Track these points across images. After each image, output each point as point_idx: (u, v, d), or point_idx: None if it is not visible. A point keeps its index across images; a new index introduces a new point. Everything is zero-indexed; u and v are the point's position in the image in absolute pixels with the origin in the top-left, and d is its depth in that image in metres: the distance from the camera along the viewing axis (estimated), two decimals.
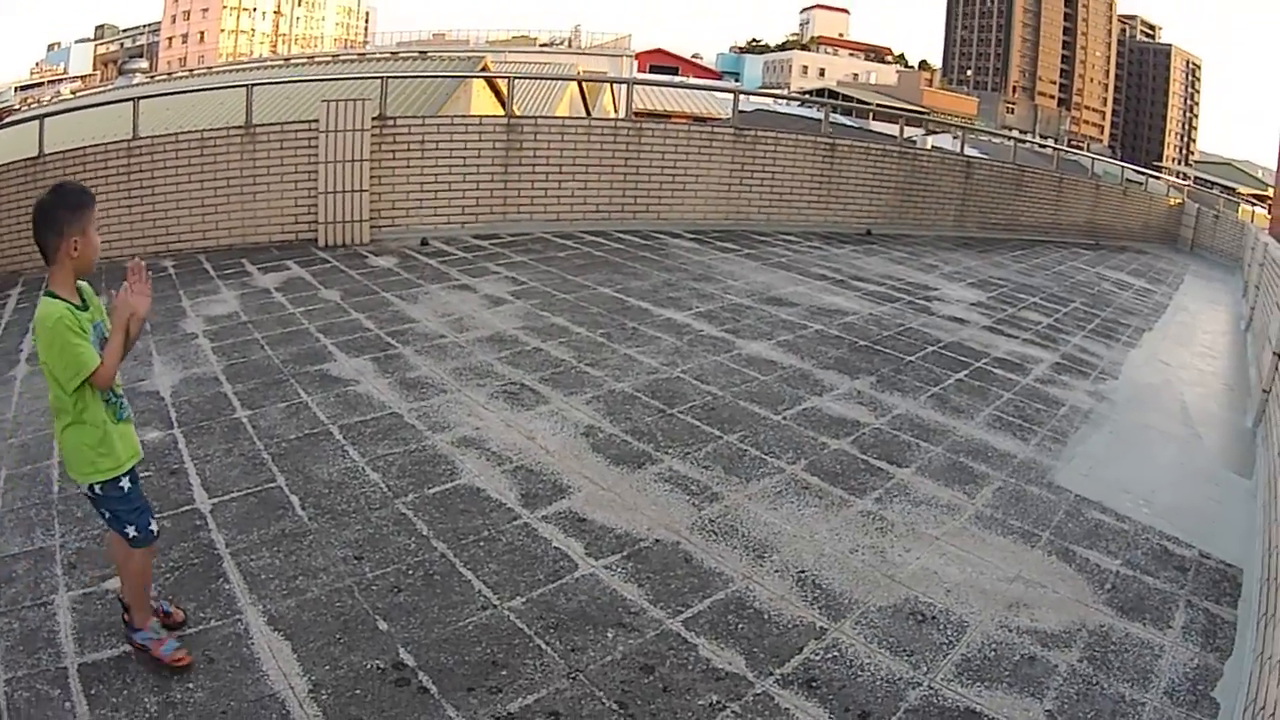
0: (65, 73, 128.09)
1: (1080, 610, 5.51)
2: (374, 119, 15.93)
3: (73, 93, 77.96)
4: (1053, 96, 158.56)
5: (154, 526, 4.90)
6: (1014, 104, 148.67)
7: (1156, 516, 7.06)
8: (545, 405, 8.27)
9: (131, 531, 4.79)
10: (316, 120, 15.67)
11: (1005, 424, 8.63)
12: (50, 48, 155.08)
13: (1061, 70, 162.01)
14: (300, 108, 24.10)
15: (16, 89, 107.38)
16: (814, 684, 4.59)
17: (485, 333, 10.39)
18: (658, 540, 5.95)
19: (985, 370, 10.27)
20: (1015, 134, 46.32)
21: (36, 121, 16.90)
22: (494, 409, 8.18)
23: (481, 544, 5.90)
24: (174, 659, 4.84)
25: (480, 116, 19.09)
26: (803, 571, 5.64)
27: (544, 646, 4.86)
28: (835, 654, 4.84)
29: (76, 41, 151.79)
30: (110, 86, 67.50)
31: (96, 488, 4.72)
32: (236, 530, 6.11)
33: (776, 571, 5.62)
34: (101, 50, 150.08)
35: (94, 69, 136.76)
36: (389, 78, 17.59)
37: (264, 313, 11.38)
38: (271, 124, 16.46)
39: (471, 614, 5.15)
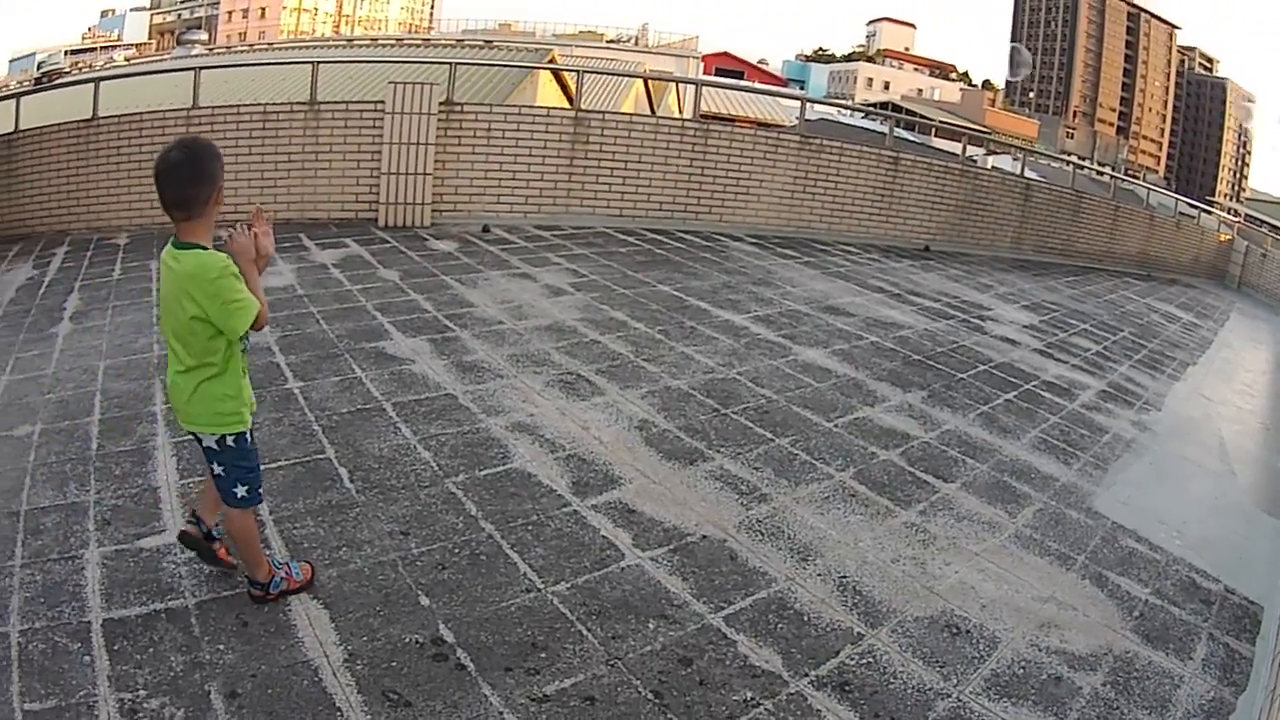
0: (119, 40, 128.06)
1: (1108, 635, 5.53)
2: (441, 104, 15.99)
3: (127, 60, 78.06)
4: (1111, 124, 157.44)
5: (261, 491, 5.01)
6: (1074, 129, 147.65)
7: (1187, 549, 7.08)
8: (601, 397, 8.30)
9: (241, 491, 4.87)
10: (382, 101, 15.75)
11: (1050, 447, 8.63)
12: (104, 14, 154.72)
13: (1121, 98, 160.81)
14: (364, 88, 24.19)
15: (67, 53, 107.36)
16: (847, 688, 4.63)
17: (544, 322, 10.42)
18: (705, 536, 5.99)
19: (1033, 393, 10.28)
20: (1074, 159, 46.06)
21: (91, 84, 16.96)
22: (549, 397, 8.20)
23: (530, 528, 5.93)
24: (305, 577, 5.15)
25: (548, 108, 19.15)
26: (844, 577, 5.67)
27: (585, 632, 4.89)
28: (870, 660, 4.88)
29: (132, 10, 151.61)
30: (168, 56, 67.48)
31: (229, 439, 4.81)
32: (282, 498, 6.15)
33: (819, 575, 5.66)
34: (158, 20, 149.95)
35: (149, 38, 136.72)
36: (456, 63, 17.66)
37: (321, 288, 11.43)
38: (337, 102, 16.60)
39: (515, 595, 5.18)
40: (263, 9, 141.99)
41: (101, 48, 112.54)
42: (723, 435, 7.69)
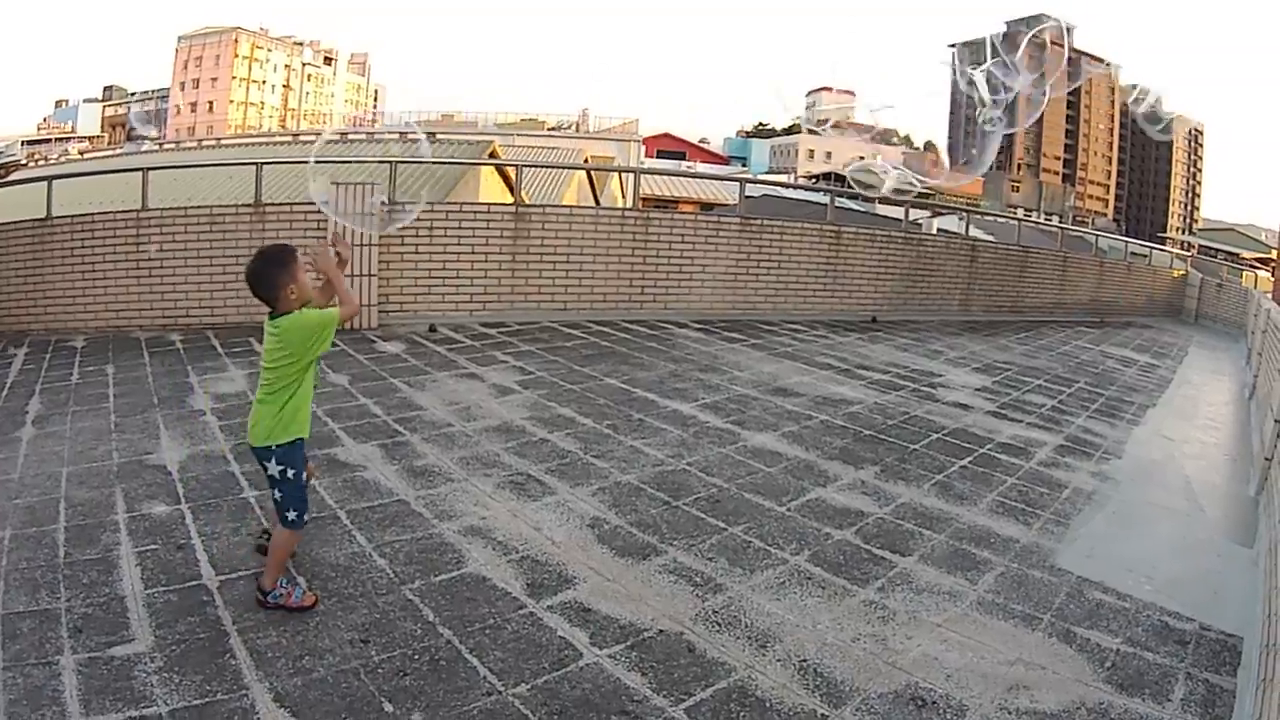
0: (73, 131, 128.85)
1: (1080, 689, 5.55)
2: (383, 203, 16.00)
3: (80, 153, 78.31)
4: (1057, 172, 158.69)
5: (307, 519, 6.39)
6: (1019, 182, 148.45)
7: (1158, 592, 7.11)
8: (552, 496, 8.31)
9: (291, 515, 6.23)
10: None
11: (1008, 509, 8.67)
12: (58, 104, 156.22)
13: (1065, 145, 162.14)
14: (305, 187, 24.09)
15: (23, 143, 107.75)
16: None
17: (493, 422, 10.45)
18: (661, 630, 5.98)
19: (989, 456, 10.31)
20: (1020, 213, 46.38)
21: (44, 182, 16.93)
22: (500, 499, 8.22)
23: (487, 631, 5.93)
24: (303, 603, 6.17)
25: (489, 204, 19.22)
26: (804, 660, 5.67)
27: None
28: None
29: (85, 100, 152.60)
30: (119, 151, 67.82)
31: (286, 446, 6.21)
32: (244, 608, 6.15)
33: (779, 660, 5.66)
34: (110, 112, 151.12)
35: (102, 130, 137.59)
36: (398, 161, 17.68)
37: None
38: (281, 204, 16.78)
39: (476, 699, 5.18)
40: (210, 103, 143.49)
41: (56, 139, 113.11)
42: (675, 528, 7.69)
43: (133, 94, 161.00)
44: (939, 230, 29.26)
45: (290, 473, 6.22)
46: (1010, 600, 6.73)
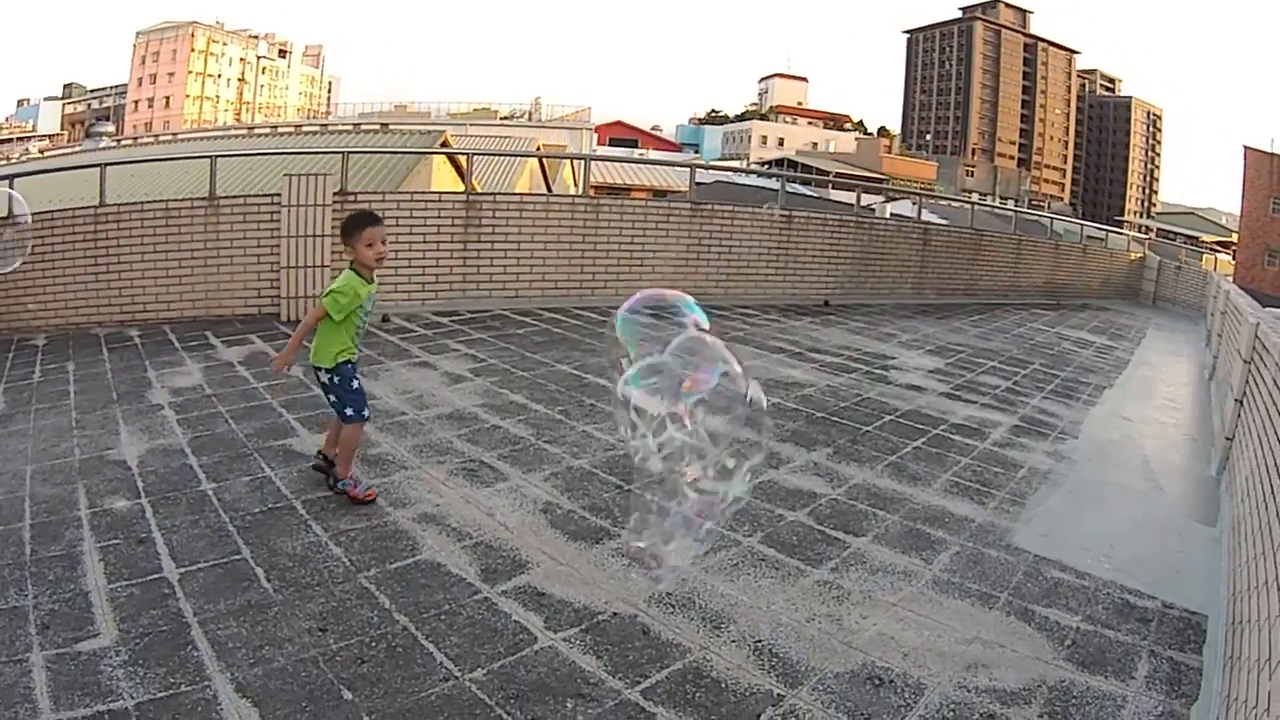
0: (34, 130, 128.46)
1: (1040, 667, 5.57)
2: (335, 194, 16.05)
3: (40, 151, 78.25)
4: (1012, 157, 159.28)
5: (366, 413, 7.65)
6: (973, 167, 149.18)
7: (1117, 571, 7.14)
8: (504, 482, 8.33)
9: (348, 412, 7.55)
10: (279, 194, 15.81)
11: (963, 489, 8.71)
12: (20, 103, 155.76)
13: (1021, 130, 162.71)
14: (264, 179, 24.33)
15: None
16: None
17: (445, 410, 10.48)
18: (615, 613, 6.00)
19: (943, 437, 10.37)
20: (975, 197, 46.58)
21: (5, 181, 16.82)
22: (453, 485, 8.23)
23: (443, 617, 5.94)
24: (366, 496, 7.60)
25: (440, 193, 19.05)
26: (759, 641, 5.69)
27: (505, 716, 4.89)
28: (792, 719, 4.89)
29: (45, 99, 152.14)
30: (78, 148, 67.54)
31: (321, 369, 7.59)
32: (204, 600, 6.13)
33: (733, 641, 5.67)
34: (69, 110, 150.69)
35: (61, 128, 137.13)
36: (350, 152, 17.66)
37: (228, 386, 11.47)
38: (235, 196, 16.60)
39: (434, 685, 5.18)
40: (167, 98, 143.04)
41: (18, 138, 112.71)
42: (627, 512, 7.71)
43: (91, 91, 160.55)
44: (892, 215, 29.31)
45: (335, 380, 7.55)
46: (966, 579, 6.75)
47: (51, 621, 5.84)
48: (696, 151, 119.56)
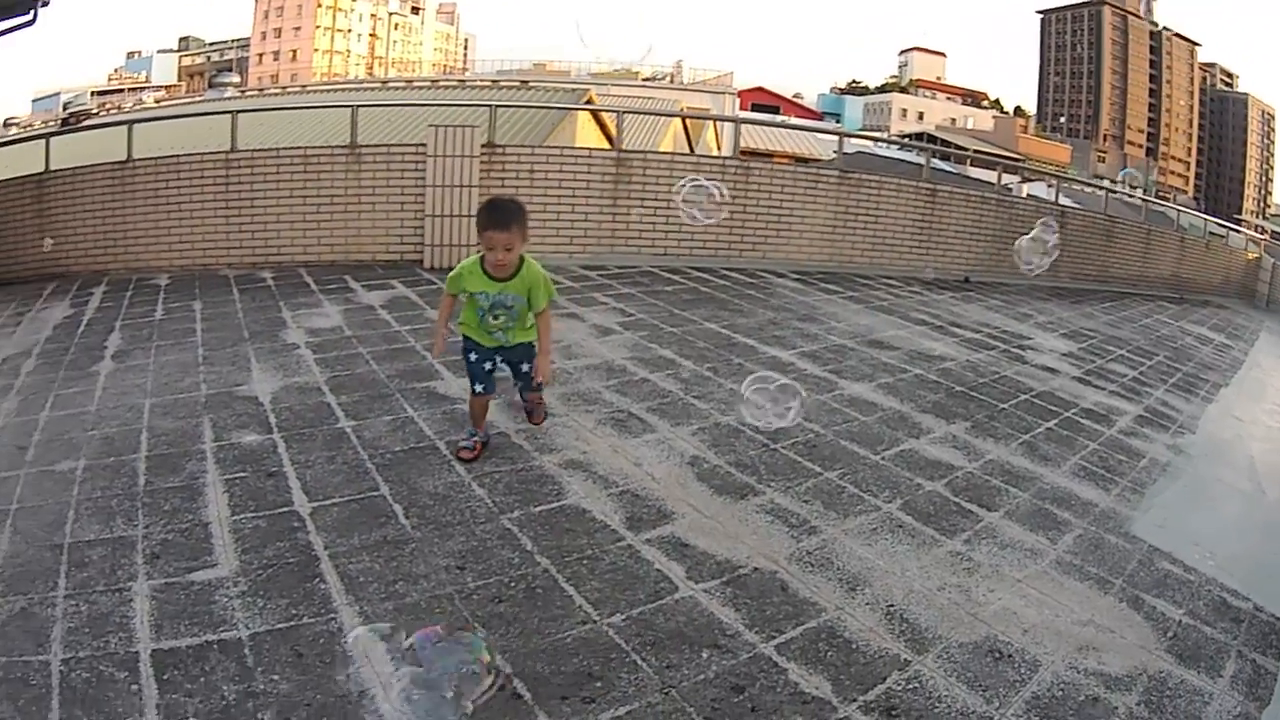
0: (147, 81, 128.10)
1: (1143, 656, 5.56)
2: (483, 146, 16.10)
3: (156, 101, 78.45)
4: (1140, 145, 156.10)
5: (476, 387, 7.50)
6: (1104, 152, 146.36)
7: (1219, 569, 7.07)
8: (652, 434, 8.37)
9: (470, 385, 7.54)
10: (424, 144, 15.89)
11: (1089, 473, 8.64)
12: (130, 55, 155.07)
13: (1149, 119, 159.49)
14: (402, 131, 24.29)
15: (93, 94, 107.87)
16: (893, 712, 4.69)
17: (594, 361, 10.52)
18: (756, 568, 6.05)
19: (1073, 420, 10.27)
20: (1106, 184, 45.89)
21: (124, 126, 17.13)
22: (601, 435, 8.27)
23: (585, 562, 6.00)
24: (460, 454, 7.58)
25: (589, 149, 19.22)
26: (892, 605, 5.73)
27: (640, 662, 4.95)
28: (916, 685, 4.93)
29: (159, 51, 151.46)
30: (200, 98, 67.77)
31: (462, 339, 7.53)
32: (336, 534, 6.22)
33: (867, 604, 5.71)
34: (187, 62, 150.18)
35: (179, 79, 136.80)
36: (497, 105, 17.69)
37: (369, 329, 11.56)
38: (378, 145, 16.77)
39: (571, 627, 5.24)
40: (294, 51, 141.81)
41: (129, 89, 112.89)
42: (772, 470, 7.74)
43: (210, 44, 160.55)
44: (1028, 195, 28.95)
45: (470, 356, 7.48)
46: (1087, 562, 6.73)
47: (163, 551, 5.95)
48: (838, 121, 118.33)
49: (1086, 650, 5.52)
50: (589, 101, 32.79)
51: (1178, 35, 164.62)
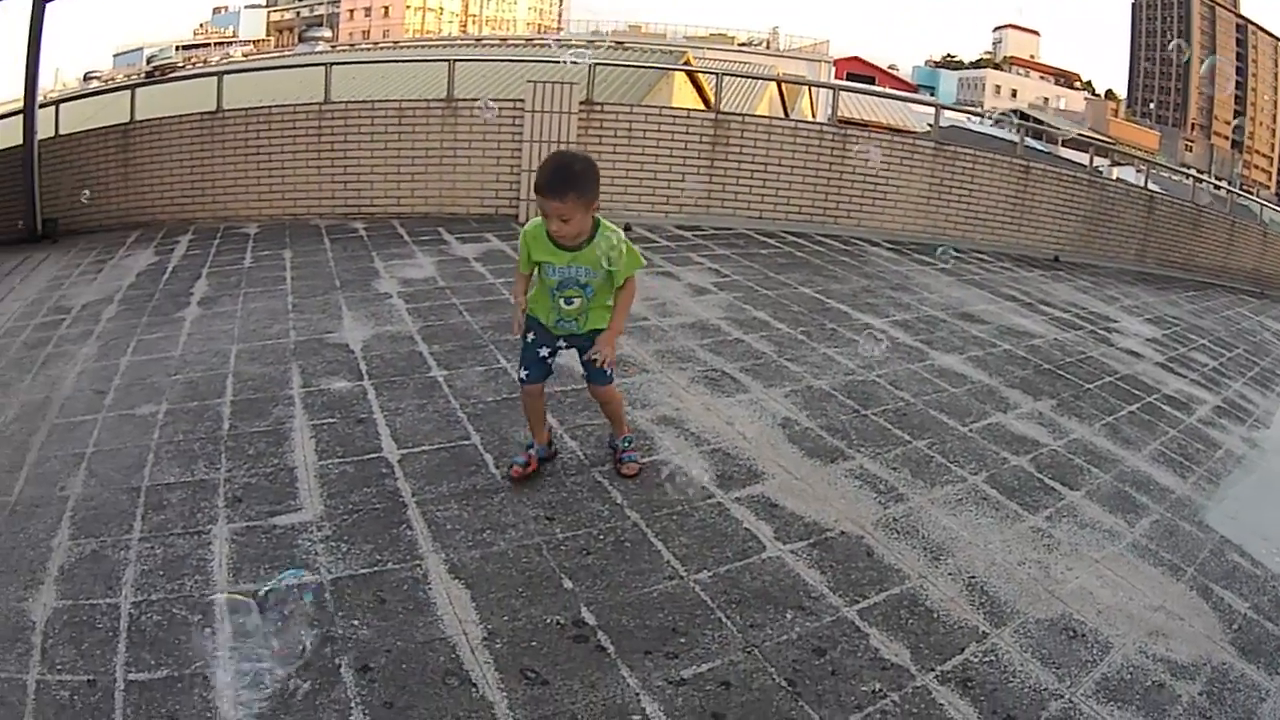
0: (234, 36, 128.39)
1: (1209, 646, 5.55)
2: (581, 103, 16.15)
3: (245, 55, 78.52)
4: (1226, 137, 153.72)
5: (523, 374, 6.31)
6: (1192, 142, 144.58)
7: None
8: (745, 394, 8.39)
9: (518, 373, 6.43)
10: (521, 100, 15.98)
11: (1168, 460, 8.59)
12: (216, 10, 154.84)
13: (1235, 111, 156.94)
14: (496, 87, 24.22)
15: (178, 48, 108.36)
16: (969, 684, 4.73)
17: (688, 319, 10.56)
18: (843, 532, 6.08)
19: (1154, 405, 10.21)
20: (1194, 173, 45.29)
21: (213, 78, 17.47)
22: (694, 393, 8.31)
23: (674, 518, 6.03)
24: (511, 469, 6.43)
25: (687, 110, 19.26)
26: (973, 577, 5.75)
27: (724, 620, 4.99)
28: (992, 658, 4.96)
29: (246, 6, 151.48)
30: (290, 52, 67.94)
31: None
32: (424, 481, 6.29)
33: (949, 574, 5.74)
34: (275, 17, 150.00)
35: (267, 34, 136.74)
36: (595, 64, 17.65)
37: (463, 280, 11.67)
38: (474, 99, 16.79)
39: (658, 582, 5.28)
40: (385, 7, 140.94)
41: (216, 43, 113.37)
42: (862, 435, 7.76)
43: None
44: (1118, 179, 28.73)
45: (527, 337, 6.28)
46: (1161, 548, 6.71)
47: (245, 495, 6.03)
48: (932, 94, 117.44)
49: (1156, 636, 5.51)
50: (686, 63, 32.69)
51: (1262, 30, 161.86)
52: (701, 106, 27.24)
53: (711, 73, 25.28)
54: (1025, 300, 14.43)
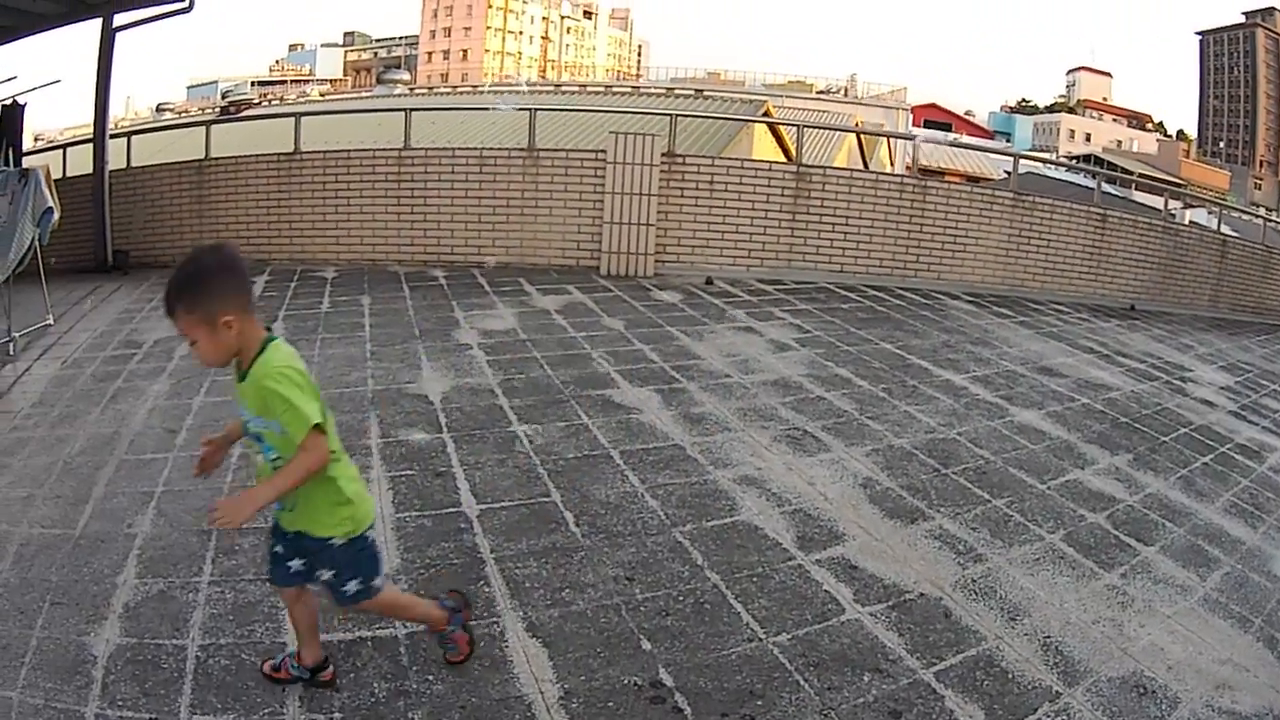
0: (311, 74, 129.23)
1: (1273, 696, 5.51)
2: (663, 155, 16.17)
3: (321, 95, 78.96)
4: None
5: (268, 571, 4.65)
6: (1261, 179, 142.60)
7: None
8: (826, 453, 8.39)
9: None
10: (604, 150, 16.00)
11: (1240, 510, 8.52)
12: (292, 48, 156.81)
13: None
14: (576, 136, 24.53)
15: (253, 84, 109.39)
16: None
17: (770, 376, 10.56)
18: (922, 594, 6.08)
19: (1227, 455, 10.10)
20: (1262, 212, 44.63)
21: (290, 118, 17.55)
22: (776, 451, 8.32)
23: (754, 579, 6.05)
24: (263, 665, 4.79)
25: (770, 162, 19.18)
26: (1048, 637, 5.73)
27: (802, 682, 4.99)
28: (1064, 717, 4.95)
29: (322, 45, 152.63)
30: (368, 94, 68.46)
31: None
32: (504, 538, 6.33)
33: (1025, 634, 5.72)
34: (353, 57, 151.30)
35: (345, 74, 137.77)
36: (677, 115, 17.75)
37: (544, 333, 11.70)
38: (556, 150, 17.14)
39: (736, 644, 5.29)
40: (464, 51, 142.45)
41: (292, 81, 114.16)
42: (942, 495, 7.75)
43: (377, 40, 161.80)
44: (1191, 222, 28.40)
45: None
46: (1231, 600, 6.66)
47: None
48: (1008, 139, 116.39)
49: (1222, 688, 5.48)
50: (766, 114, 32.70)
51: None
52: (782, 157, 27.29)
53: (792, 124, 25.28)
54: (1102, 352, 14.28)
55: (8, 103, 15.10)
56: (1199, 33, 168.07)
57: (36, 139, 29.23)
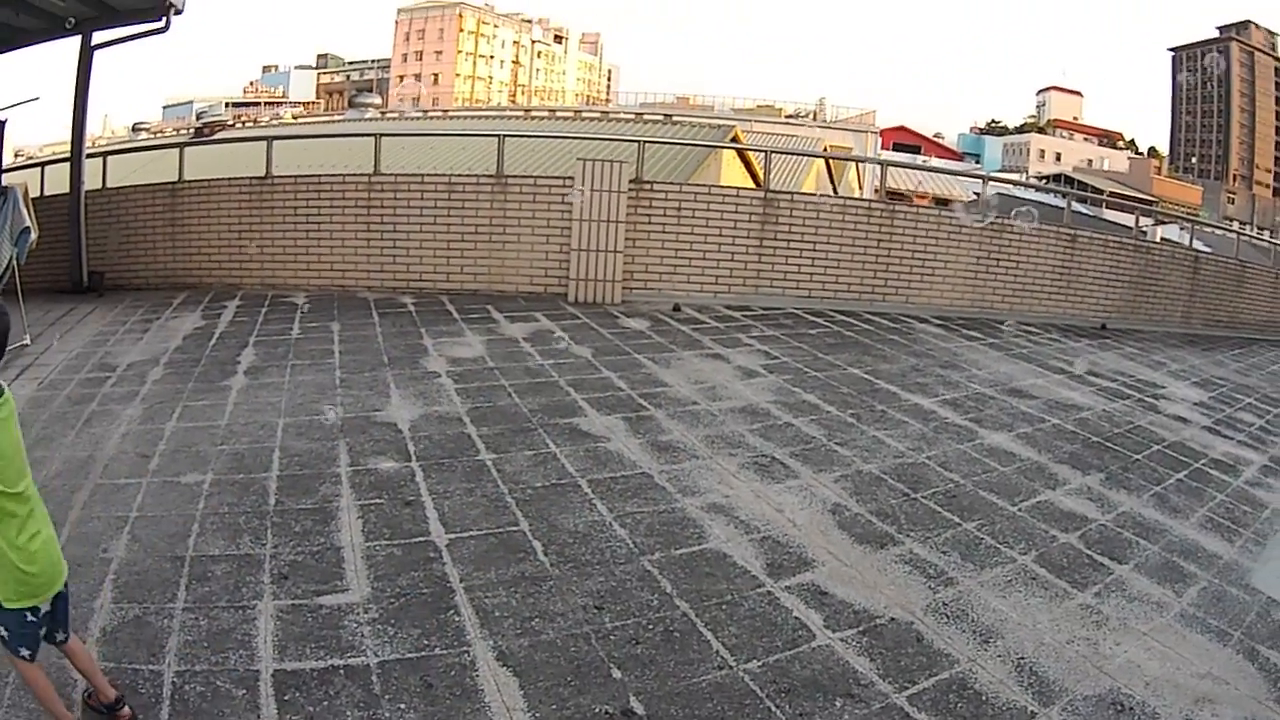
0: (284, 96, 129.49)
1: (1254, 707, 5.53)
2: (631, 181, 16.14)
3: (294, 117, 79.23)
4: (1268, 185, 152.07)
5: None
6: (1234, 193, 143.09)
7: None
8: (795, 479, 8.39)
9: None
10: (571, 177, 15.96)
11: (1215, 525, 8.52)
12: (266, 69, 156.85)
13: (1276, 158, 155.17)
14: (546, 161, 24.45)
15: (227, 104, 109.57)
16: None
17: (737, 403, 10.54)
18: (893, 618, 6.07)
19: (1202, 471, 10.11)
20: (1236, 226, 44.96)
21: (262, 141, 17.58)
22: (744, 479, 8.31)
23: (724, 607, 6.05)
24: None
25: (737, 188, 19.13)
26: (1022, 658, 5.73)
27: (773, 709, 5.00)
28: None
29: (296, 67, 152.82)
30: (340, 117, 68.65)
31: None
32: (473, 567, 6.33)
33: (999, 656, 5.72)
34: (325, 79, 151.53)
35: (317, 96, 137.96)
36: (645, 141, 17.87)
37: (512, 360, 11.69)
38: (525, 176, 17.05)
39: (707, 672, 5.29)
40: (435, 75, 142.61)
41: (266, 103, 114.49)
42: (912, 519, 7.74)
43: (350, 63, 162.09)
44: (1162, 239, 28.52)
45: None
46: (1208, 615, 6.68)
47: (291, 572, 6.11)
48: (977, 161, 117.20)
49: (1202, 702, 5.50)
50: (735, 139, 32.73)
51: None
52: (750, 183, 27.30)
53: (760, 149, 25.31)
54: (1073, 371, 14.30)
55: None
56: (1171, 49, 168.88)
57: (16, 154, 29.18)
